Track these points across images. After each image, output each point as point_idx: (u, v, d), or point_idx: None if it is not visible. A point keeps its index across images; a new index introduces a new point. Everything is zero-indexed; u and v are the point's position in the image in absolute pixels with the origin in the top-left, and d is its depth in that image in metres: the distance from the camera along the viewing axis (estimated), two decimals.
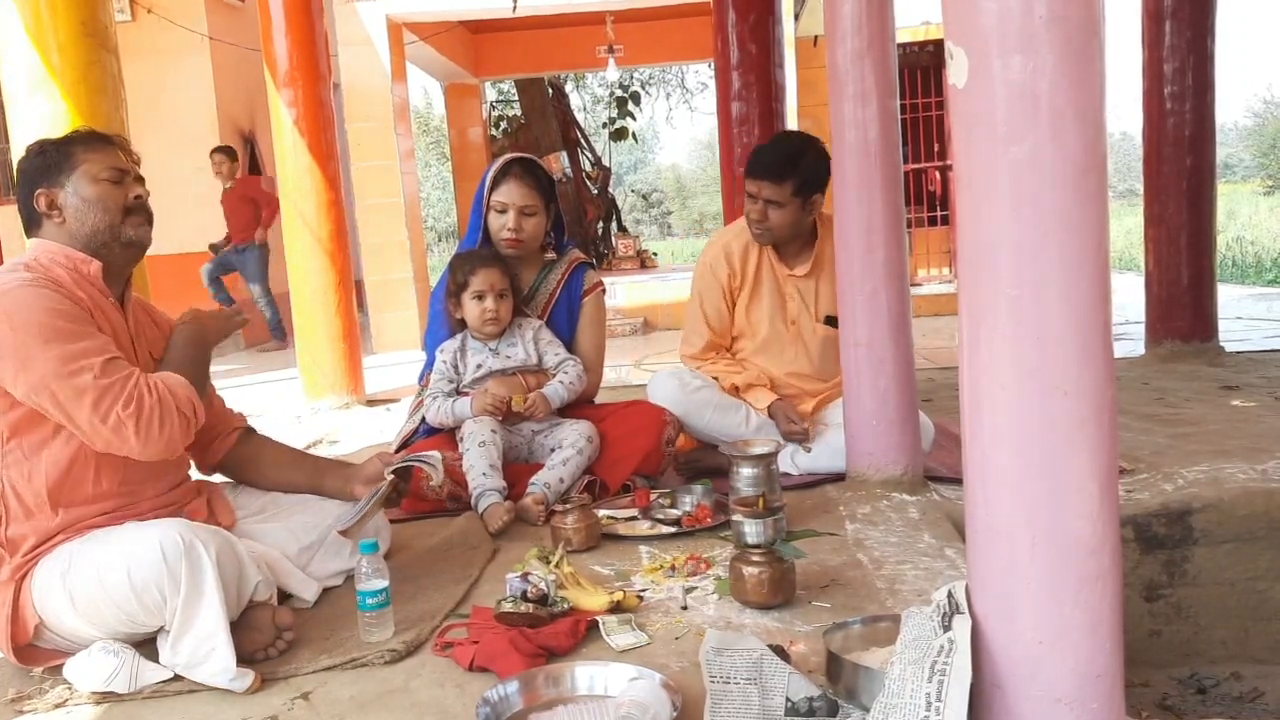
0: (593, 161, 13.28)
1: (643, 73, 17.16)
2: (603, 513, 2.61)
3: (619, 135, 14.03)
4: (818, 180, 3.00)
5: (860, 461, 2.81)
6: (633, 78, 14.94)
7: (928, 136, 9.22)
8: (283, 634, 1.89)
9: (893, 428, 2.76)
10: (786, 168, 2.94)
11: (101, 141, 2.01)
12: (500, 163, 3.01)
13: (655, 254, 13.09)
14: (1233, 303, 7.61)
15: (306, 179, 5.08)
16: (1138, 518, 2.71)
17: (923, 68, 9.27)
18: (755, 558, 1.97)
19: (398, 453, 2.84)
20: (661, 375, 3.13)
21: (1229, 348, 5.10)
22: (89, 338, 1.85)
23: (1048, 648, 1.32)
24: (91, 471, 1.91)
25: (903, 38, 8.73)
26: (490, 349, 2.94)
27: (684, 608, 2.02)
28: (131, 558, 1.75)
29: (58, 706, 1.79)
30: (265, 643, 1.87)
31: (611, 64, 10.43)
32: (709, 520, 2.54)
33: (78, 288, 1.92)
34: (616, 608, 1.98)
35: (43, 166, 1.97)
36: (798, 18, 8.65)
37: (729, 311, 3.19)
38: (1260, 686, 2.59)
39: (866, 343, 2.75)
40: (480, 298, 2.87)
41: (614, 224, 13.30)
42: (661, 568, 2.25)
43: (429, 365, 3.06)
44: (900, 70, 2.84)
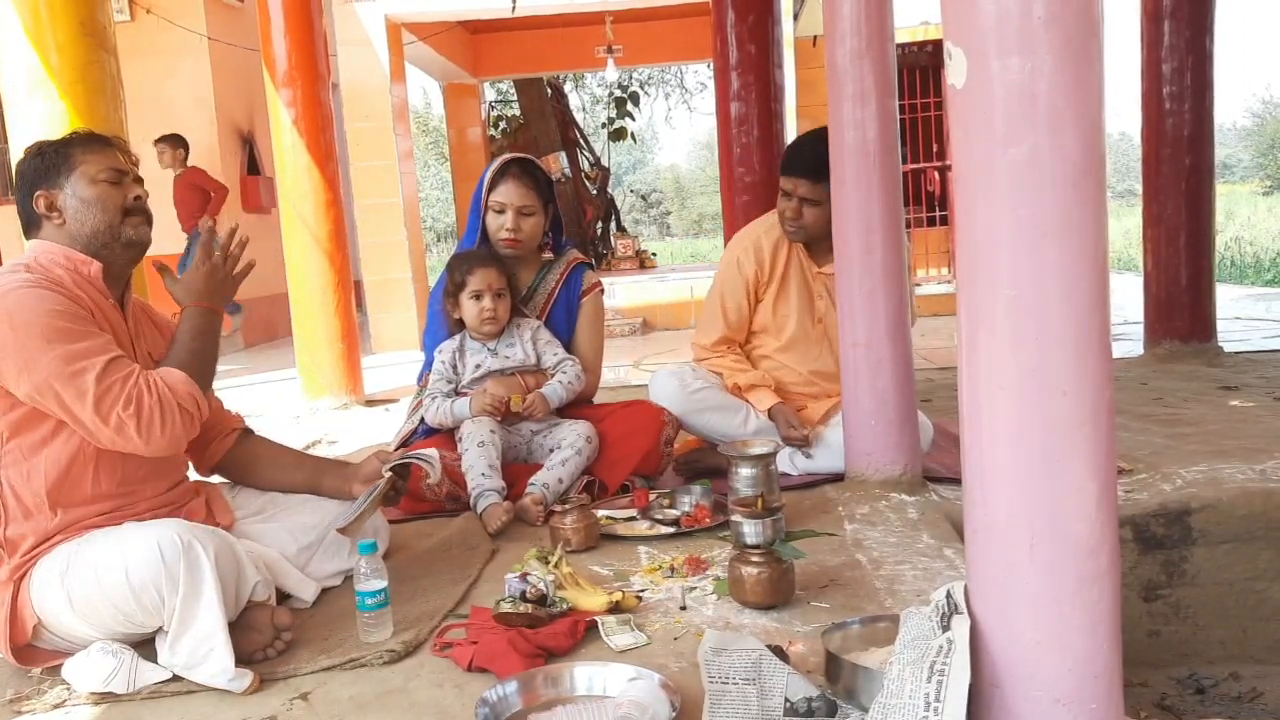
0: (591, 162, 13.28)
1: (642, 73, 17.15)
2: (601, 513, 2.61)
3: (618, 135, 14.02)
4: None
5: (859, 462, 2.81)
6: (632, 78, 14.93)
7: (926, 137, 9.22)
8: (281, 634, 1.89)
9: (891, 428, 2.76)
10: (824, 167, 2.84)
11: (100, 142, 2.01)
12: (498, 163, 3.01)
13: (654, 254, 13.08)
14: (1231, 303, 7.62)
15: (305, 179, 5.08)
16: (1136, 518, 2.71)
17: (921, 68, 9.27)
18: (754, 558, 1.97)
19: (396, 451, 2.84)
20: (662, 374, 3.13)
21: (1228, 348, 5.10)
22: (91, 337, 1.85)
23: (1046, 648, 1.32)
24: (90, 472, 1.91)
25: (901, 38, 8.73)
26: (489, 349, 2.94)
27: (683, 608, 2.02)
28: (130, 558, 1.75)
29: (56, 707, 1.79)
30: (264, 643, 1.87)
31: (610, 64, 10.43)
32: (708, 521, 2.54)
33: (78, 289, 1.92)
34: (615, 608, 1.98)
35: (41, 168, 1.97)
36: (797, 18, 8.66)
37: (750, 308, 3.16)
38: (1259, 686, 2.59)
39: (865, 343, 2.75)
40: (478, 297, 2.87)
41: (613, 224, 13.29)
42: (660, 568, 2.25)
43: (428, 365, 3.06)
44: (899, 70, 2.84)
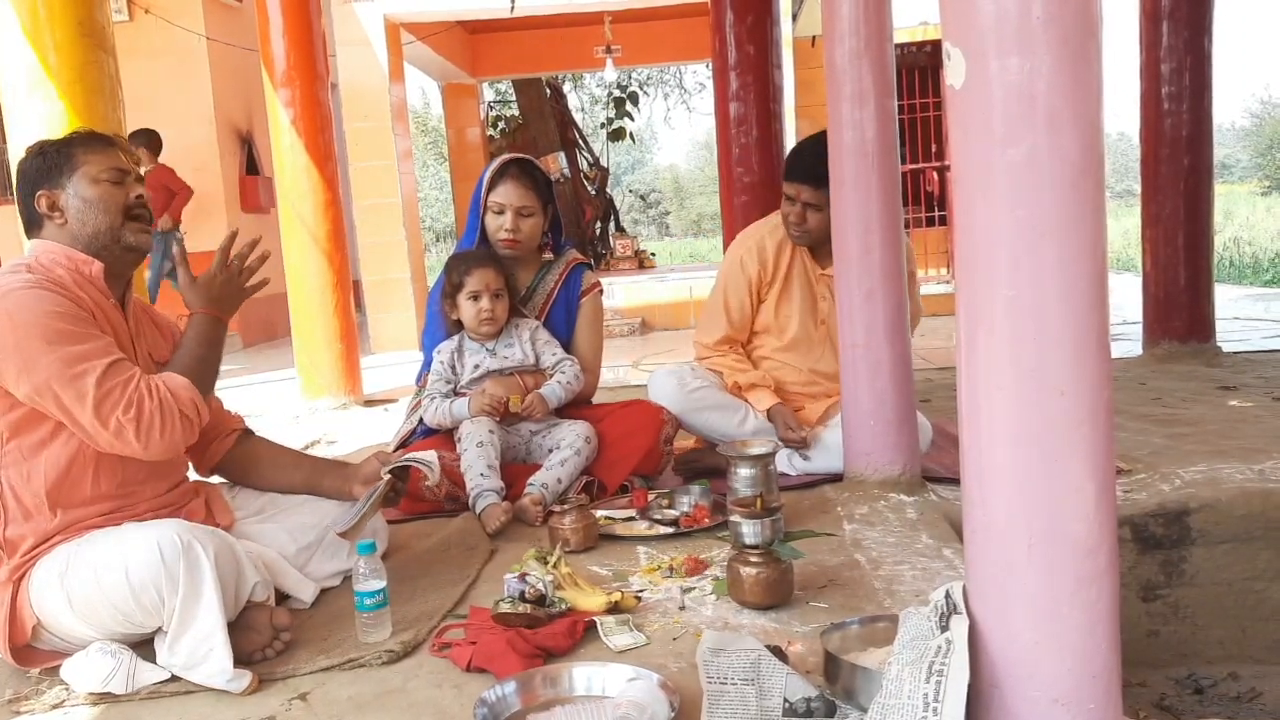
0: (590, 162, 13.28)
1: (641, 73, 17.15)
2: (600, 513, 2.61)
3: (617, 136, 14.02)
4: None
5: (858, 462, 2.81)
6: (631, 78, 14.92)
7: (925, 137, 9.22)
8: (280, 634, 1.89)
9: (890, 428, 2.76)
10: (826, 172, 2.83)
11: (102, 142, 2.01)
12: (498, 163, 3.00)
13: (653, 254, 13.09)
14: (1230, 303, 7.62)
15: (304, 179, 5.07)
16: (1135, 518, 2.71)
17: (920, 68, 9.27)
18: (753, 558, 1.97)
19: (395, 453, 2.84)
20: (661, 373, 3.13)
21: (1226, 348, 5.10)
22: (92, 340, 1.85)
23: (1045, 648, 1.33)
24: (90, 473, 1.91)
25: (900, 38, 8.74)
26: (488, 349, 2.94)
27: (682, 608, 2.02)
28: (129, 558, 1.75)
29: (55, 707, 1.79)
30: (263, 643, 1.87)
31: (609, 64, 10.42)
32: (707, 521, 2.54)
33: (79, 289, 1.92)
34: (614, 608, 1.98)
35: (43, 168, 1.97)
36: (795, 18, 8.66)
37: (753, 307, 3.17)
38: (1258, 686, 2.60)
39: (864, 343, 2.75)
40: (476, 298, 2.87)
41: (612, 224, 13.29)
42: (659, 568, 2.25)
43: (426, 365, 3.06)
44: (898, 70, 2.84)
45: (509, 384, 2.90)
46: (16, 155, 3.48)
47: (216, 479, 2.31)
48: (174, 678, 1.79)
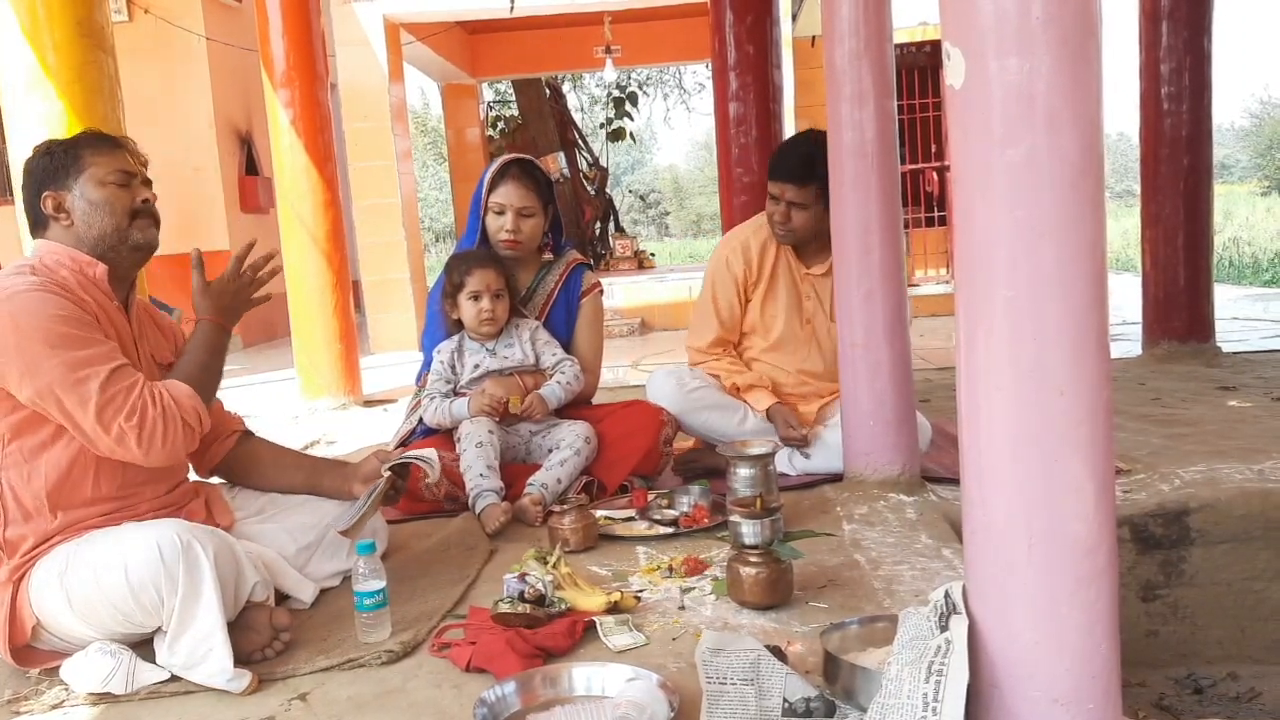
0: (590, 162, 13.28)
1: (640, 73, 17.14)
2: (600, 513, 2.61)
3: (616, 136, 14.02)
4: None
5: (857, 462, 2.81)
6: (630, 78, 14.92)
7: (925, 137, 9.23)
8: (280, 634, 1.89)
9: (890, 428, 2.76)
10: (809, 170, 2.91)
11: (109, 144, 2.01)
12: (498, 164, 3.00)
13: (653, 254, 13.10)
14: (1230, 303, 7.62)
15: (303, 179, 5.08)
16: (1134, 518, 2.71)
17: (920, 68, 9.28)
18: (752, 558, 1.97)
19: (395, 451, 2.84)
20: (659, 374, 3.13)
21: (1226, 348, 5.11)
22: (95, 345, 1.84)
23: (1044, 647, 1.33)
24: (91, 475, 1.90)
25: (900, 38, 8.74)
26: (488, 349, 2.94)
27: (681, 608, 2.02)
28: (129, 558, 1.75)
29: (55, 708, 1.79)
30: (262, 643, 1.87)
31: (609, 64, 10.42)
32: (706, 521, 2.54)
33: (83, 290, 1.91)
34: (614, 608, 1.98)
35: (50, 168, 1.97)
36: (795, 18, 8.66)
37: (741, 308, 3.18)
38: (1257, 686, 2.60)
39: (863, 343, 2.75)
40: (476, 298, 2.87)
41: (611, 225, 13.29)
42: (659, 568, 2.25)
43: (426, 365, 3.06)
44: (897, 71, 2.84)
45: (509, 384, 2.90)
46: (16, 156, 3.48)
47: (216, 480, 2.31)
48: (173, 678, 1.79)
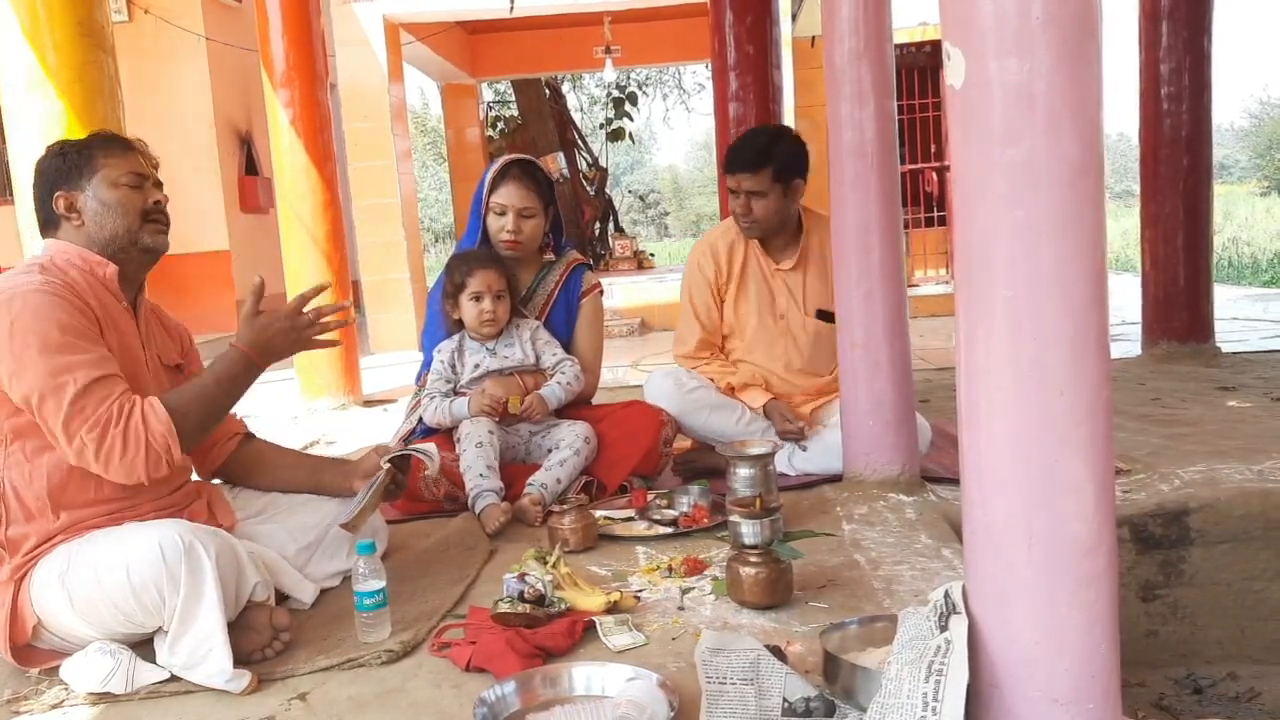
0: (590, 162, 13.29)
1: (640, 73, 17.14)
2: (600, 513, 2.61)
3: (616, 136, 14.03)
4: (795, 165, 3.04)
5: (857, 462, 2.81)
6: (630, 78, 14.92)
7: (924, 137, 9.23)
8: (280, 634, 1.89)
9: (889, 428, 2.76)
10: (761, 156, 3.00)
11: (122, 145, 2.01)
12: (499, 164, 3.00)
13: (652, 255, 13.12)
14: (1229, 303, 7.63)
15: (303, 179, 5.08)
16: (1134, 518, 2.71)
17: (920, 68, 9.28)
18: (752, 558, 1.97)
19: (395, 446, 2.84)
20: (657, 375, 3.13)
21: (1225, 348, 5.11)
22: (84, 352, 1.81)
23: (1044, 647, 1.33)
24: (93, 476, 1.89)
25: (900, 38, 8.74)
26: (488, 349, 2.94)
27: (681, 608, 2.02)
28: (131, 557, 1.74)
29: (54, 707, 1.78)
30: (262, 643, 1.87)
31: (609, 64, 10.43)
32: (706, 521, 2.54)
33: (90, 291, 1.91)
34: (613, 608, 1.98)
35: (63, 168, 1.96)
36: (795, 18, 8.66)
37: (718, 308, 3.21)
38: (1257, 686, 2.60)
39: (863, 343, 2.75)
40: (478, 299, 2.87)
41: (611, 225, 13.31)
42: (658, 568, 2.25)
43: (426, 365, 3.06)
44: (897, 71, 2.85)
45: (509, 384, 2.90)
46: (16, 156, 3.48)
47: (216, 481, 2.31)
48: (173, 677, 1.79)
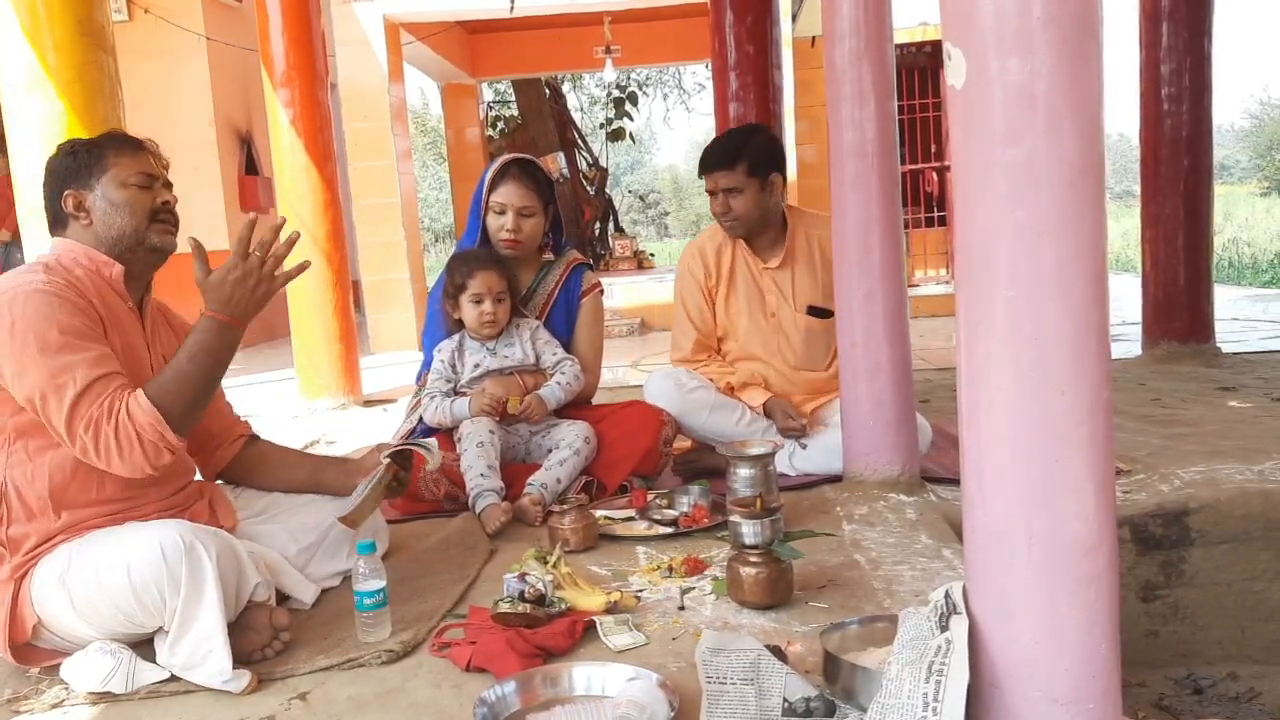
0: (590, 162, 13.29)
1: (640, 73, 17.14)
2: (600, 513, 2.61)
3: (616, 136, 14.03)
4: (769, 159, 3.05)
5: (857, 462, 2.81)
6: (630, 78, 14.92)
7: (925, 137, 9.22)
8: (280, 634, 1.89)
9: (889, 428, 2.76)
10: (733, 152, 3.03)
11: (132, 145, 2.00)
12: (499, 163, 3.00)
13: (652, 254, 13.11)
14: (1229, 304, 7.63)
15: (303, 179, 5.08)
16: (1134, 518, 2.71)
17: (920, 69, 9.28)
18: (752, 558, 1.97)
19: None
20: (657, 375, 3.13)
21: (1226, 349, 5.11)
22: (84, 351, 1.81)
23: (1044, 647, 1.33)
24: (96, 476, 1.89)
25: (900, 38, 8.74)
26: (488, 349, 2.94)
27: (681, 608, 2.02)
28: (132, 558, 1.74)
29: (54, 707, 1.79)
30: (262, 643, 1.87)
31: (609, 64, 10.43)
32: (706, 521, 2.54)
33: (95, 291, 1.91)
34: (614, 608, 1.98)
35: (73, 167, 1.96)
36: (795, 18, 8.66)
37: (710, 311, 3.22)
38: (1257, 687, 2.60)
39: (863, 343, 2.75)
40: (478, 301, 2.87)
41: (611, 225, 13.31)
42: (659, 568, 2.25)
43: (426, 365, 3.06)
44: (898, 71, 2.85)
45: (509, 384, 2.90)
46: (17, 156, 3.48)
47: (219, 481, 2.31)
48: (173, 677, 1.79)
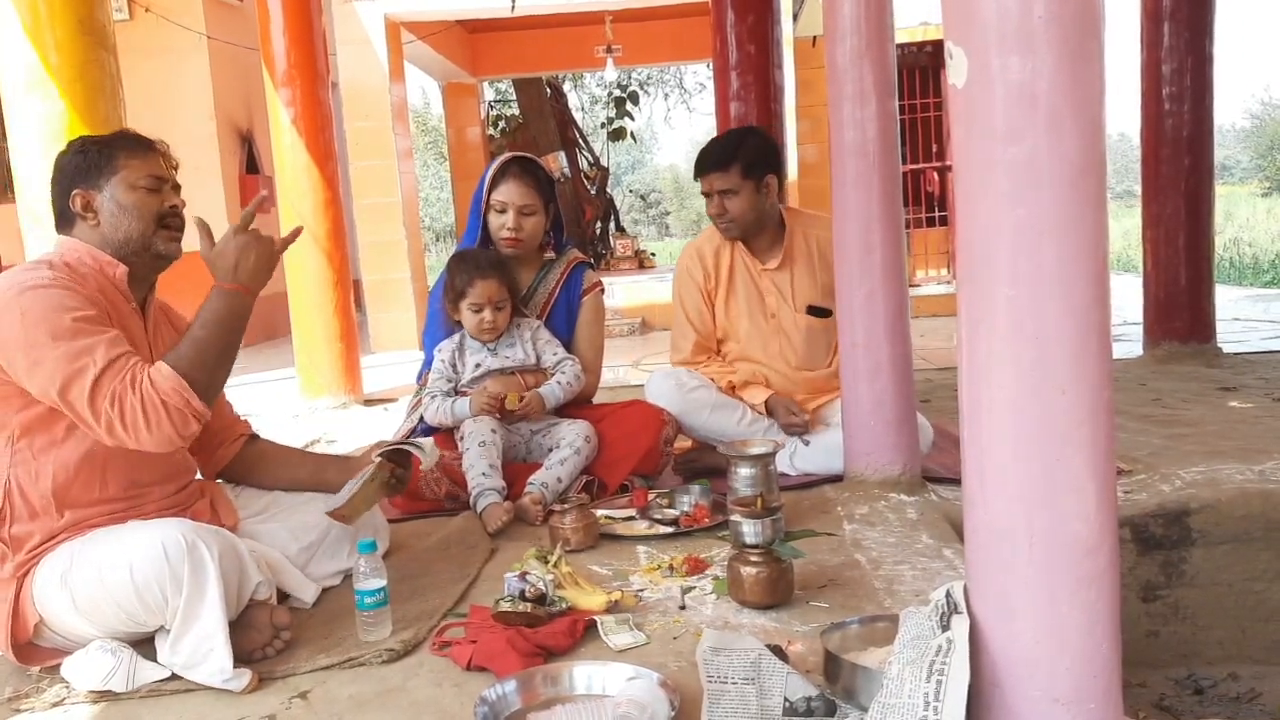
0: (591, 161, 13.29)
1: (641, 73, 17.16)
2: (601, 512, 2.61)
3: (617, 135, 14.02)
4: (764, 160, 3.05)
5: (858, 462, 2.81)
6: (631, 78, 14.92)
7: (926, 137, 9.22)
8: (280, 633, 1.89)
9: (890, 428, 2.76)
10: (727, 154, 3.04)
11: (144, 147, 1.99)
12: (499, 162, 3.00)
13: (653, 254, 13.09)
14: (1230, 304, 7.62)
15: (304, 178, 5.08)
16: (1135, 518, 2.71)
17: (921, 68, 9.27)
18: (753, 558, 1.97)
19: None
20: (658, 375, 3.13)
21: (1226, 349, 5.10)
22: (100, 334, 1.81)
23: (1045, 647, 1.33)
24: (99, 475, 1.89)
25: (901, 38, 8.73)
26: (489, 349, 2.94)
27: (682, 608, 2.02)
28: (134, 556, 1.75)
29: (55, 705, 1.79)
30: (263, 642, 1.87)
31: (610, 64, 10.42)
32: (707, 520, 2.54)
33: (99, 290, 1.91)
34: (614, 607, 1.98)
35: (83, 166, 1.95)
36: (796, 18, 8.66)
37: (710, 312, 3.22)
38: (1257, 687, 2.60)
39: (864, 343, 2.75)
40: (477, 310, 2.86)
41: (612, 224, 13.30)
42: (659, 568, 2.25)
43: (427, 364, 3.06)
44: (899, 71, 2.85)
45: (509, 383, 2.90)
46: (17, 155, 3.48)
47: (219, 480, 2.31)
48: (174, 676, 1.79)
